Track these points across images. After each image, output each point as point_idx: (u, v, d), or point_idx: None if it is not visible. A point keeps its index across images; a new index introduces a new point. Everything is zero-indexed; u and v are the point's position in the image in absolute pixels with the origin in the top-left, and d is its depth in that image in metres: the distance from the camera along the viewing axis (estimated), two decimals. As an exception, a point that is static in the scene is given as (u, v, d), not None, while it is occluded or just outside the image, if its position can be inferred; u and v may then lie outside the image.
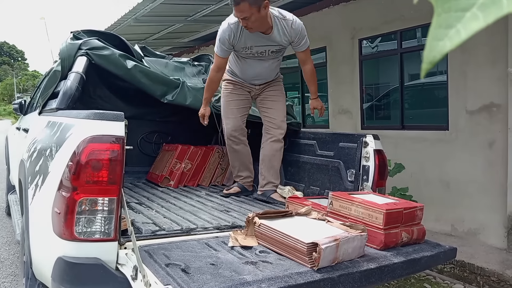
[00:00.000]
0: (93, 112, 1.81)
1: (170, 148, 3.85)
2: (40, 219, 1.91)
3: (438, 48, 0.43)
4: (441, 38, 0.43)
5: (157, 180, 3.65)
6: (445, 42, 0.42)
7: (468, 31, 0.41)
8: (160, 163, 3.81)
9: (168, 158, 3.74)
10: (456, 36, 0.42)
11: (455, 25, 0.41)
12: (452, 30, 0.42)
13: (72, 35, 3.09)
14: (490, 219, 4.19)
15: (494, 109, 4.12)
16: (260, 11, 2.65)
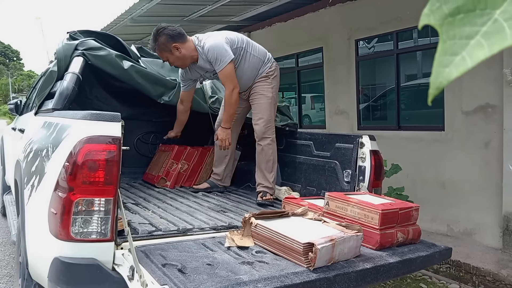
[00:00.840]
0: (90, 113, 1.81)
1: (167, 148, 3.84)
2: (36, 220, 1.91)
3: (444, 75, 0.43)
4: (447, 65, 0.43)
5: (153, 181, 3.64)
6: (451, 69, 0.43)
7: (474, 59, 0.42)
8: (157, 163, 3.79)
9: (165, 159, 3.72)
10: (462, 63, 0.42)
11: (461, 52, 0.42)
12: (458, 57, 0.43)
13: (68, 36, 3.08)
14: (485, 219, 4.22)
15: (490, 109, 4.15)
16: (173, 53, 2.91)
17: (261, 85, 3.04)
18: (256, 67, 3.02)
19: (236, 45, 2.92)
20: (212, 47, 2.82)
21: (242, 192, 3.44)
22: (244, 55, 2.96)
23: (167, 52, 2.91)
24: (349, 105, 5.82)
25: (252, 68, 3.00)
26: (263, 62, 3.04)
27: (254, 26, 7.32)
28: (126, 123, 1.87)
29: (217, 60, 2.82)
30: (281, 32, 6.80)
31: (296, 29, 6.51)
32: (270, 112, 3.02)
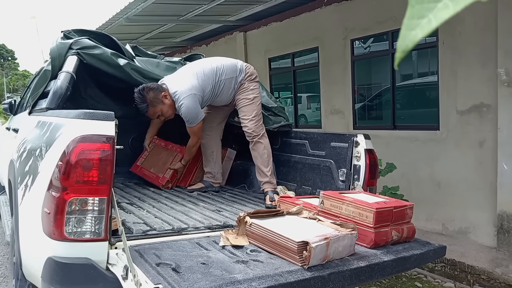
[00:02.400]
0: (83, 112, 1.80)
1: (170, 146, 3.70)
2: (30, 220, 1.90)
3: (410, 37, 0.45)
4: (413, 28, 0.45)
5: (155, 181, 3.47)
6: (416, 32, 0.45)
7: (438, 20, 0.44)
8: (157, 161, 3.62)
9: (169, 158, 3.56)
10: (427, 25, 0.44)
11: (427, 15, 0.44)
12: (424, 20, 0.45)
13: (62, 35, 3.07)
14: (480, 218, 4.24)
15: (484, 109, 4.17)
16: (165, 103, 3.00)
17: (240, 93, 3.16)
18: (231, 86, 3.15)
19: (208, 88, 3.06)
20: (186, 110, 2.98)
21: (237, 192, 3.44)
22: (218, 85, 3.11)
23: (160, 104, 3.00)
24: (344, 105, 5.82)
25: (227, 88, 3.14)
26: (236, 77, 3.15)
27: (250, 25, 7.32)
28: (121, 122, 1.86)
29: (188, 120, 3.06)
30: (277, 31, 6.80)
31: (292, 29, 6.51)
32: (255, 111, 3.13)
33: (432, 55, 4.80)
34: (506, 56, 3.87)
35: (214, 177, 3.48)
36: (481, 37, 4.15)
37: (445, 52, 4.49)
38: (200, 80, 3.02)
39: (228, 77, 3.12)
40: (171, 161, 3.49)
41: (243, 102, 3.14)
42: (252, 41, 7.43)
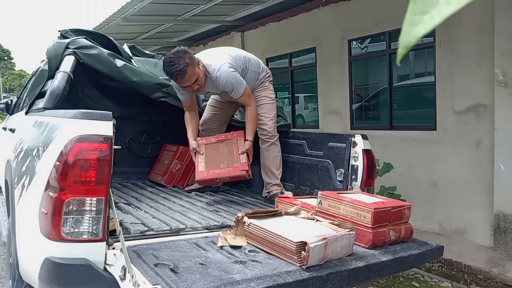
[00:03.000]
0: (81, 112, 1.79)
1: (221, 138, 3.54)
2: (27, 220, 1.89)
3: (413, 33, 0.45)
4: (415, 23, 0.45)
5: (236, 172, 3.03)
6: (419, 28, 0.45)
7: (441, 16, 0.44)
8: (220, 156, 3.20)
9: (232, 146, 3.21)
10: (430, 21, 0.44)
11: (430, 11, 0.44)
12: (427, 16, 0.44)
13: (59, 34, 3.05)
14: (477, 218, 4.25)
15: (481, 109, 4.18)
16: (201, 69, 2.79)
17: (261, 90, 3.13)
18: (254, 80, 3.10)
19: (239, 68, 2.96)
20: (228, 80, 2.82)
21: (235, 192, 3.44)
22: (244, 73, 3.02)
23: (197, 66, 2.75)
24: (342, 105, 5.83)
25: (251, 82, 3.07)
26: (259, 73, 3.13)
27: (247, 26, 7.32)
28: (118, 122, 1.85)
29: (234, 89, 2.87)
30: (274, 32, 6.80)
31: (290, 29, 6.51)
32: (274, 111, 3.12)
33: (429, 56, 4.81)
34: (503, 56, 3.88)
35: None
36: (478, 38, 4.17)
37: (442, 52, 4.50)
38: (233, 60, 2.92)
39: (253, 70, 3.07)
40: (237, 147, 3.06)
41: (265, 99, 3.10)
42: (249, 41, 7.43)
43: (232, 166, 2.92)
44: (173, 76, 2.73)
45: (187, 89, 2.84)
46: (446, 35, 4.43)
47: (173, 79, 2.77)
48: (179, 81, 2.75)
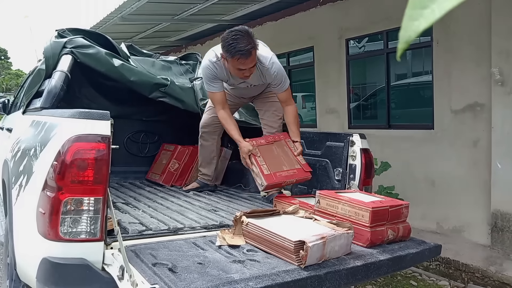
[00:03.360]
0: (78, 111, 1.79)
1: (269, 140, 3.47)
2: (25, 220, 1.88)
3: (413, 28, 0.45)
4: (416, 18, 0.45)
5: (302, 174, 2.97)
6: (420, 22, 0.45)
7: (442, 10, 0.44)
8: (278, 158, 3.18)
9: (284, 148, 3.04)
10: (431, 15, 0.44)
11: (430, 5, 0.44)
12: (427, 10, 0.44)
13: (56, 33, 3.04)
14: (474, 217, 4.26)
15: (478, 108, 4.19)
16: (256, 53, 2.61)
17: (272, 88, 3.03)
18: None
19: None
20: (279, 71, 2.76)
21: (233, 191, 3.44)
22: None
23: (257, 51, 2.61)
24: (339, 104, 5.84)
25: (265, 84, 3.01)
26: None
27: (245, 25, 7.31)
28: (116, 122, 1.85)
29: (283, 82, 2.80)
30: (272, 31, 6.80)
31: (287, 29, 6.51)
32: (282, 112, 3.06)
33: (427, 55, 4.82)
34: (500, 55, 3.89)
35: (212, 180, 3.42)
36: (475, 36, 4.18)
37: (439, 51, 4.51)
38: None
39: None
40: (289, 148, 2.91)
41: (274, 98, 3.03)
42: (247, 40, 7.43)
43: (294, 168, 2.74)
44: (236, 55, 2.48)
45: (240, 74, 2.61)
46: (443, 34, 4.44)
47: (234, 58, 2.50)
48: (241, 62, 2.51)
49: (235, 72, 2.65)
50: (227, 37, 2.51)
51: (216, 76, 2.76)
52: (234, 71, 2.64)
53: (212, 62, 2.73)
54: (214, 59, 2.73)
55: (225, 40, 2.52)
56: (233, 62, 2.56)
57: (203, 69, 2.80)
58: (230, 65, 2.61)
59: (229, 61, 2.58)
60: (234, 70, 2.63)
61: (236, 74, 2.66)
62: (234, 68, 2.61)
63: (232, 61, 2.55)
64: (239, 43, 2.47)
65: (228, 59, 2.57)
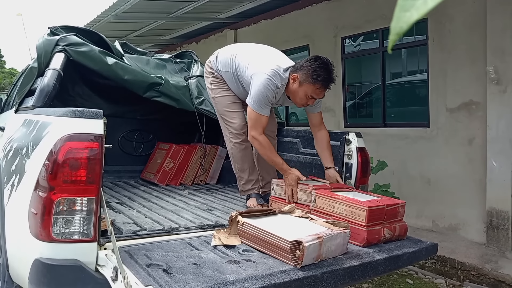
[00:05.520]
0: (71, 110, 1.76)
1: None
2: (17, 220, 1.86)
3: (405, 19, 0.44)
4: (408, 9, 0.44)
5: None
6: (412, 13, 0.44)
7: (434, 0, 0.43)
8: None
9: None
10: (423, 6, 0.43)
11: None
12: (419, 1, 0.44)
13: (49, 31, 3.00)
14: (470, 215, 4.27)
15: (474, 106, 4.20)
16: None
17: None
18: None
19: None
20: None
21: (229, 191, 3.42)
22: None
23: None
24: (335, 103, 5.83)
25: None
26: None
27: (240, 23, 7.28)
28: (110, 120, 1.83)
29: (320, 101, 2.68)
30: (267, 29, 6.77)
31: (282, 27, 6.49)
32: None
33: (422, 53, 4.82)
34: (495, 54, 3.90)
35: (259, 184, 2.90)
36: (470, 35, 4.18)
37: (434, 50, 4.51)
38: None
39: None
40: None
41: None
42: (242, 38, 7.39)
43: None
44: (322, 81, 2.42)
45: (306, 101, 2.52)
46: (438, 33, 4.44)
47: (316, 85, 2.42)
48: (319, 91, 2.45)
49: (300, 97, 2.51)
50: (314, 63, 2.43)
51: (273, 99, 2.57)
52: (301, 97, 2.50)
53: (277, 87, 2.51)
54: (279, 84, 2.51)
55: (312, 65, 2.42)
56: (309, 89, 2.44)
57: (265, 90, 2.48)
58: (302, 90, 2.47)
59: (305, 86, 2.45)
60: (302, 96, 2.49)
61: (301, 100, 2.53)
62: (304, 94, 2.48)
63: (309, 87, 2.44)
64: (328, 73, 2.41)
65: (304, 84, 2.45)
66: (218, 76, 2.84)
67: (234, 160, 2.82)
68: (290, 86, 2.52)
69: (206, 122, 3.62)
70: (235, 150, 2.78)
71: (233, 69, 2.71)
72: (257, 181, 2.84)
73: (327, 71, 2.42)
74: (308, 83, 2.43)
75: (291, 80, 2.50)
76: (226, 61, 2.75)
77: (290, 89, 2.53)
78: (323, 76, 2.41)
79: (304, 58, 2.54)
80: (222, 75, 2.81)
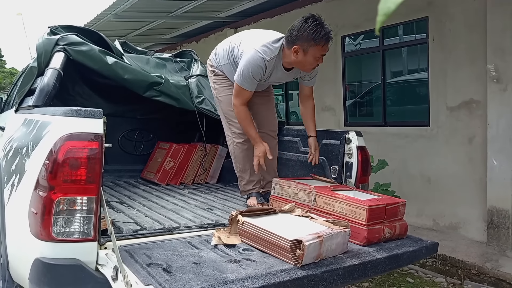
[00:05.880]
0: (70, 109, 1.76)
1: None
2: (17, 220, 1.86)
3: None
4: None
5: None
6: None
7: None
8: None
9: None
10: None
11: None
12: None
13: (49, 30, 3.00)
14: (470, 213, 4.27)
15: (474, 105, 4.20)
16: None
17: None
18: None
19: None
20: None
21: (229, 190, 3.42)
22: None
23: None
24: (335, 102, 5.82)
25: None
26: None
27: (240, 22, 7.28)
28: (110, 120, 1.83)
29: (316, 74, 2.75)
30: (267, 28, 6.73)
31: (283, 26, 6.42)
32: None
33: (422, 52, 4.81)
34: (495, 52, 3.89)
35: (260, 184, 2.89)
36: (470, 34, 4.17)
37: (435, 49, 4.51)
38: None
39: None
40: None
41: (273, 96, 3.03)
42: (242, 37, 7.40)
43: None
44: (323, 40, 2.36)
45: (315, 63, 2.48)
46: (439, 31, 4.43)
47: (320, 44, 2.37)
48: (325, 47, 2.41)
49: (310, 63, 2.46)
50: (306, 25, 2.36)
51: (261, 75, 2.55)
52: (311, 62, 2.46)
53: (265, 60, 2.48)
54: (268, 58, 2.48)
55: (306, 29, 2.36)
56: (316, 50, 2.40)
57: (253, 64, 2.48)
58: (310, 56, 2.42)
59: (311, 50, 2.40)
60: (312, 60, 2.45)
61: (311, 64, 2.49)
62: (313, 58, 2.43)
63: (315, 49, 2.39)
64: (323, 27, 2.36)
65: (309, 49, 2.39)
66: (219, 72, 2.84)
67: (236, 160, 2.82)
68: (296, 58, 2.46)
69: (206, 122, 3.62)
70: (237, 150, 2.78)
71: (230, 57, 2.71)
72: (258, 182, 2.83)
73: (322, 26, 2.37)
74: (312, 46, 2.39)
75: (294, 53, 2.44)
76: (224, 53, 2.77)
77: (297, 60, 2.47)
78: (322, 32, 2.36)
79: (292, 27, 2.44)
80: (223, 70, 2.81)
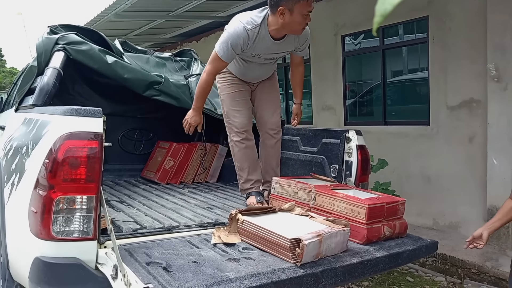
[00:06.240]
0: (70, 108, 1.76)
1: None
2: (17, 219, 1.86)
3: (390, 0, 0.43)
4: None
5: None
6: None
7: None
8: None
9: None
10: None
11: None
12: None
13: (49, 30, 3.00)
14: (470, 213, 4.27)
15: (474, 104, 4.19)
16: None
17: (274, 79, 2.95)
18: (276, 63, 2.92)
19: None
20: (309, 33, 2.64)
21: (229, 189, 3.42)
22: None
23: None
24: (336, 101, 5.82)
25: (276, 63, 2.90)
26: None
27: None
28: (110, 119, 1.83)
29: (308, 45, 2.76)
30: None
31: (283, 25, 6.48)
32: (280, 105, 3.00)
33: (423, 51, 4.81)
34: (496, 51, 3.89)
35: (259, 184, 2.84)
36: (471, 33, 4.17)
37: (435, 48, 4.50)
38: None
39: None
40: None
41: (275, 92, 2.94)
42: (242, 37, 7.40)
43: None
44: None
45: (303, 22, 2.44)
46: (439, 30, 4.43)
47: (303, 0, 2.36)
48: (310, 1, 2.39)
49: (299, 22, 2.43)
50: None
51: (241, 46, 2.50)
52: (299, 21, 2.42)
53: (247, 29, 2.44)
54: (249, 26, 2.45)
55: None
56: (302, 7, 2.38)
57: (231, 33, 2.47)
58: (297, 14, 2.39)
59: (296, 8, 2.38)
60: (299, 19, 2.42)
61: (300, 24, 2.45)
62: (301, 16, 2.40)
63: (301, 7, 2.37)
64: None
65: (295, 7, 2.37)
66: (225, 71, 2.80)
67: (235, 159, 2.82)
68: (283, 21, 2.42)
69: (206, 121, 3.61)
70: (235, 149, 2.78)
71: None
72: (257, 181, 2.79)
73: None
74: (297, 3, 2.37)
75: (280, 15, 2.41)
76: None
77: (285, 23, 2.43)
78: None
79: None
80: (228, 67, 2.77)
